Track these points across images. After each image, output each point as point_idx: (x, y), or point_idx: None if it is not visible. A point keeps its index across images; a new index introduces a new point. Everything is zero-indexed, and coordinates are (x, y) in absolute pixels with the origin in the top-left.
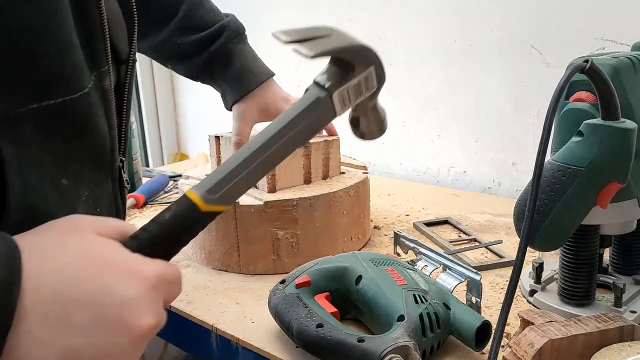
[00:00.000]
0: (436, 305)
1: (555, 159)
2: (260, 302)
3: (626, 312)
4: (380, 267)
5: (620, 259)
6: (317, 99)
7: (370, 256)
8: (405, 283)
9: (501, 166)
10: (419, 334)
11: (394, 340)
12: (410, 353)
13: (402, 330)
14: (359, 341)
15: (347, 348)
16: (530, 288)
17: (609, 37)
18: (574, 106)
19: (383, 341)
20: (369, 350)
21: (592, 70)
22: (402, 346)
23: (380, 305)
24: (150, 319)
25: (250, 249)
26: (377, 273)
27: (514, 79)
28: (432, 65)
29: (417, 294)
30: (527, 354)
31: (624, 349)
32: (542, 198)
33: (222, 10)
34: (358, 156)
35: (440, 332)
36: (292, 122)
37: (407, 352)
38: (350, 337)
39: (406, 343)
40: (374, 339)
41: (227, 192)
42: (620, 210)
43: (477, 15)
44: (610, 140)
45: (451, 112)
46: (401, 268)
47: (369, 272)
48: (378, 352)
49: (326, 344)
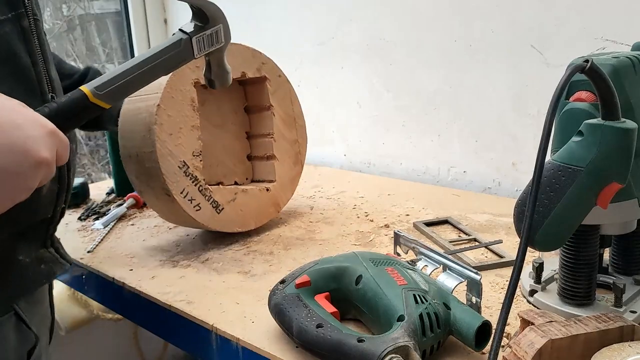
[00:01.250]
0: (436, 305)
1: (555, 158)
2: (260, 302)
3: (626, 312)
4: (380, 267)
5: (620, 259)
6: (180, 39)
7: (371, 256)
8: (405, 283)
9: (501, 166)
10: (419, 334)
11: (394, 340)
12: (410, 353)
13: (402, 331)
14: (358, 341)
15: (347, 348)
16: (530, 288)
17: (609, 37)
18: (574, 106)
19: (383, 341)
20: (368, 350)
21: (592, 70)
22: (402, 346)
23: (380, 305)
24: (47, 154)
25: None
26: (377, 273)
27: (514, 79)
28: (432, 65)
29: (417, 294)
30: (527, 354)
31: (624, 349)
32: (542, 198)
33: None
34: (358, 156)
35: (440, 332)
36: (162, 51)
37: (407, 352)
38: (350, 337)
39: (406, 343)
40: (374, 339)
41: (109, 92)
42: (620, 210)
43: (477, 15)
44: (611, 140)
45: (451, 112)
46: (401, 268)
47: (369, 272)
48: (378, 353)
49: (326, 344)
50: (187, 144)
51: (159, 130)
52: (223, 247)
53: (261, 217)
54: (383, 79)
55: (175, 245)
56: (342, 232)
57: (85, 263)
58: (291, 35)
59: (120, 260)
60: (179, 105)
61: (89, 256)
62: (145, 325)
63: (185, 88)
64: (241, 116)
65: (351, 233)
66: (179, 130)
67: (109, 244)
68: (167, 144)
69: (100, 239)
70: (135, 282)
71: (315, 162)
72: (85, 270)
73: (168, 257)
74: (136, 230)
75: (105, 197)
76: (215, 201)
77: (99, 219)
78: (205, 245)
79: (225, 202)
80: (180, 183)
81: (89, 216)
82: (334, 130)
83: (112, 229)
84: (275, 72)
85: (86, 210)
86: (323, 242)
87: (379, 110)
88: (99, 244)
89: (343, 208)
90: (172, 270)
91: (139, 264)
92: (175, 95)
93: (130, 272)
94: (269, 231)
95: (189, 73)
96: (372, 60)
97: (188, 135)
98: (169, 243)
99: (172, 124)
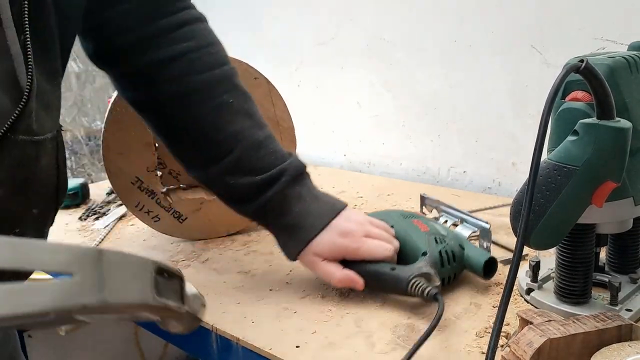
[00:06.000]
0: (453, 245)
1: (551, 158)
2: (261, 302)
3: (622, 310)
4: (408, 219)
5: (616, 257)
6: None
7: (401, 212)
8: (428, 229)
9: (501, 166)
10: (439, 266)
11: (419, 269)
12: (431, 278)
13: (425, 262)
14: (391, 269)
15: (382, 274)
16: (527, 287)
17: (609, 37)
18: (570, 106)
19: (410, 269)
20: (399, 275)
21: (586, 70)
22: (425, 273)
23: (407, 246)
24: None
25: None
26: (406, 223)
27: (514, 79)
28: (432, 65)
29: (437, 237)
30: (525, 353)
31: (624, 349)
32: (538, 197)
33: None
34: (358, 156)
35: (455, 265)
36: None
37: (429, 277)
38: (385, 266)
39: (428, 271)
40: (403, 268)
41: None
42: (616, 209)
43: (477, 15)
44: (606, 140)
45: (451, 112)
46: (425, 220)
47: (399, 222)
48: (407, 276)
49: (367, 271)
50: (140, 161)
51: (107, 152)
52: (223, 247)
53: (235, 224)
54: (383, 79)
55: (175, 245)
56: None
57: None
58: (291, 36)
59: None
60: (128, 126)
61: None
62: (145, 325)
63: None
64: None
65: None
66: (129, 148)
67: (109, 244)
68: (117, 163)
69: (101, 239)
70: None
71: (315, 162)
72: None
73: (168, 257)
74: (136, 230)
75: (105, 197)
76: (177, 211)
77: (99, 219)
78: (205, 245)
79: (190, 212)
80: (134, 197)
81: (89, 216)
82: (333, 130)
83: (112, 229)
84: (250, 74)
85: (86, 211)
86: None
87: (379, 110)
88: (99, 244)
89: None
90: None
91: None
92: (122, 116)
93: None
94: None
95: None
96: (372, 60)
97: (141, 152)
98: (169, 243)
99: (120, 144)
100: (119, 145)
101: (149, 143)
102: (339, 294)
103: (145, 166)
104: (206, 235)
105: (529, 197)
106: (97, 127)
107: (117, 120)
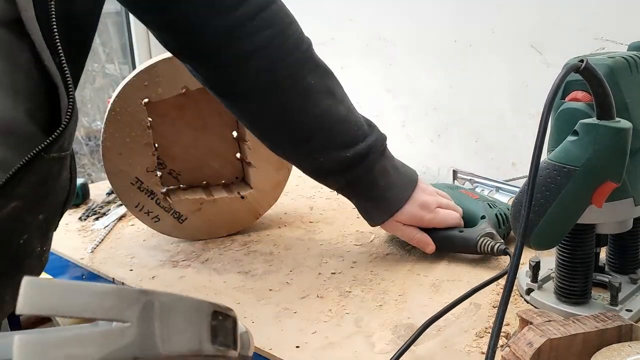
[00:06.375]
0: (503, 208)
1: (550, 158)
2: (261, 302)
3: (622, 310)
4: (455, 190)
5: (616, 257)
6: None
7: (445, 184)
8: (477, 197)
9: (501, 166)
10: (497, 226)
11: (483, 229)
12: (495, 237)
13: (487, 224)
14: (460, 232)
15: (452, 236)
16: (527, 287)
17: (609, 37)
18: (570, 106)
19: (475, 231)
20: (468, 236)
21: (586, 70)
22: (490, 232)
23: (467, 212)
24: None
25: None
26: (456, 194)
27: (514, 79)
28: (432, 65)
29: (489, 203)
30: (525, 353)
31: (624, 349)
32: (538, 197)
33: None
34: None
35: (507, 225)
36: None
37: (492, 236)
38: (453, 229)
39: (492, 230)
40: (470, 230)
41: None
42: (615, 209)
43: (477, 15)
44: (605, 140)
45: (451, 112)
46: (468, 190)
47: (451, 193)
48: (475, 236)
49: (439, 236)
50: (140, 162)
51: (106, 152)
52: (223, 247)
53: (235, 224)
54: (383, 79)
55: (175, 245)
56: (342, 232)
57: (86, 263)
58: None
59: (121, 260)
60: (127, 126)
61: (89, 256)
62: None
63: (132, 109)
64: (227, 118)
65: (351, 233)
66: (129, 149)
67: (109, 245)
68: (117, 164)
69: (101, 239)
70: (135, 282)
71: None
72: (86, 271)
73: (168, 257)
74: (136, 230)
75: (105, 198)
76: (177, 212)
77: (99, 219)
78: (206, 245)
79: (190, 212)
80: (134, 198)
81: (89, 216)
82: None
83: (112, 229)
84: None
85: (86, 211)
86: (323, 242)
87: (379, 110)
88: (99, 244)
89: (343, 208)
90: (172, 270)
91: (139, 264)
92: (121, 117)
93: (130, 272)
94: (269, 231)
95: (136, 93)
96: (372, 60)
97: (141, 153)
98: (169, 243)
99: (120, 144)
100: (119, 145)
101: (149, 143)
102: (339, 294)
103: (145, 166)
104: (206, 235)
105: (529, 197)
106: (97, 127)
107: (117, 121)
